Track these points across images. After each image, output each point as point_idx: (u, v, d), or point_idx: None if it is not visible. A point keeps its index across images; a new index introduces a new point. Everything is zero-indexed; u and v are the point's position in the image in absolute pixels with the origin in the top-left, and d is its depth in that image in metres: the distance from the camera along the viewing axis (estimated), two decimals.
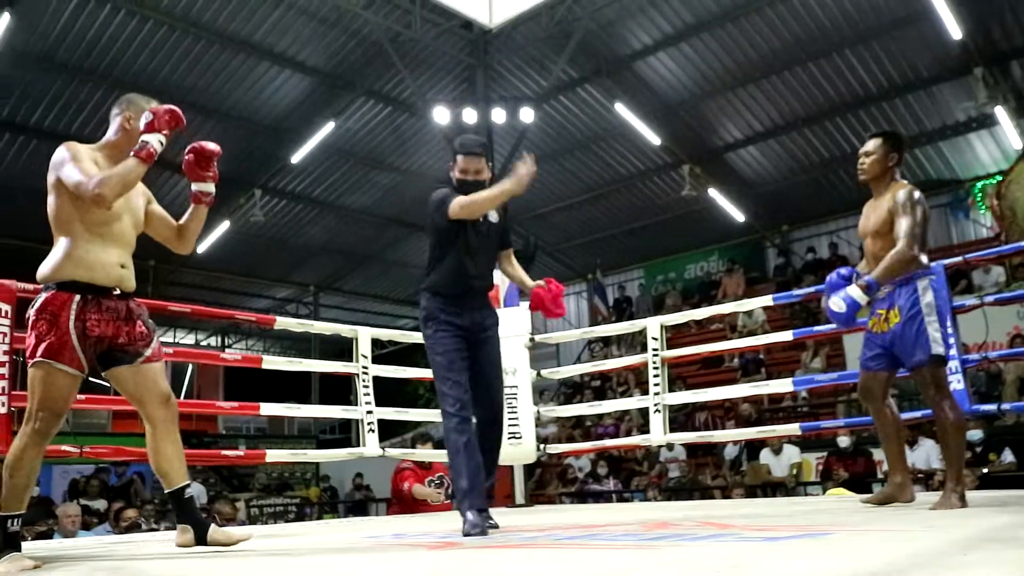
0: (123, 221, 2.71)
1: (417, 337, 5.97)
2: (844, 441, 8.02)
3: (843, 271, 3.45)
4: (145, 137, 2.60)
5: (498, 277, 6.44)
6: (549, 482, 11.10)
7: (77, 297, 2.52)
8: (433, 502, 5.78)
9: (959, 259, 4.50)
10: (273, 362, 5.05)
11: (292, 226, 14.91)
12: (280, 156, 12.97)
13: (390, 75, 12.24)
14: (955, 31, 9.96)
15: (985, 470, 6.99)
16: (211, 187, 2.79)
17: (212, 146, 2.75)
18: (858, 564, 1.60)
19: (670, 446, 9.39)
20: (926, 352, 3.16)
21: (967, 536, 2.04)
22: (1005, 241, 10.58)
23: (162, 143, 2.64)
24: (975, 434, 7.38)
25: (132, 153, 2.57)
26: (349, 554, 2.44)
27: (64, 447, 4.03)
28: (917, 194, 3.26)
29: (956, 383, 4.09)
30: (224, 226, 13.90)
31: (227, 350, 18.20)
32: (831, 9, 10.52)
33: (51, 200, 2.61)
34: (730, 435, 7.82)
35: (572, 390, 13.69)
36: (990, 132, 12.04)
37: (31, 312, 2.51)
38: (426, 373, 6.68)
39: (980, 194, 12.56)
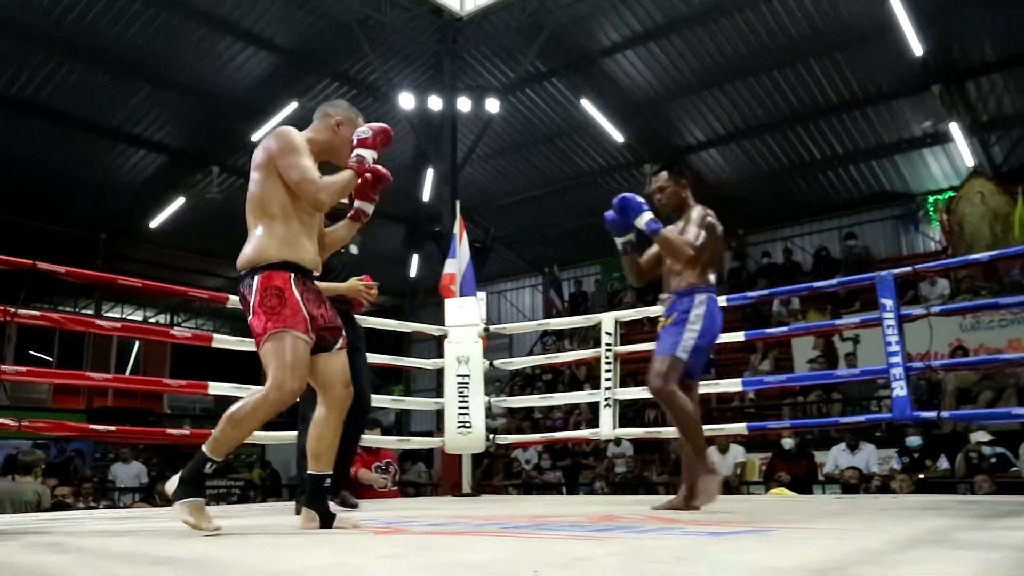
0: (319, 214, 2.76)
1: (371, 322, 5.92)
2: (788, 443, 8.16)
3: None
4: (363, 152, 2.68)
5: (452, 265, 6.44)
6: (497, 472, 11.12)
7: (293, 275, 2.56)
8: (379, 488, 5.75)
9: (908, 269, 4.61)
10: (224, 341, 4.97)
11: None
12: (240, 134, 12.74)
13: (357, 58, 12.13)
14: (916, 48, 10.21)
15: (922, 475, 7.17)
16: (371, 209, 2.86)
17: (385, 172, 2.82)
18: (801, 559, 1.63)
19: (618, 441, 9.45)
20: (667, 349, 3.31)
21: (906, 536, 2.09)
22: (952, 255, 10.88)
23: (375, 160, 2.72)
24: (914, 440, 7.58)
25: (350, 166, 2.66)
26: (295, 537, 2.41)
27: (2, 420, 3.92)
28: (710, 217, 3.47)
29: (899, 390, 4.19)
30: (179, 202, 13.64)
31: (176, 328, 17.87)
32: (799, 19, 10.68)
33: (261, 180, 2.63)
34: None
35: (524, 382, 13.72)
36: (944, 148, 12.33)
37: (254, 296, 2.56)
38: (378, 358, 6.64)
39: (931, 208, 12.86)
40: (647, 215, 3.40)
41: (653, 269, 3.66)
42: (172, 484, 2.43)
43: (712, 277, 3.46)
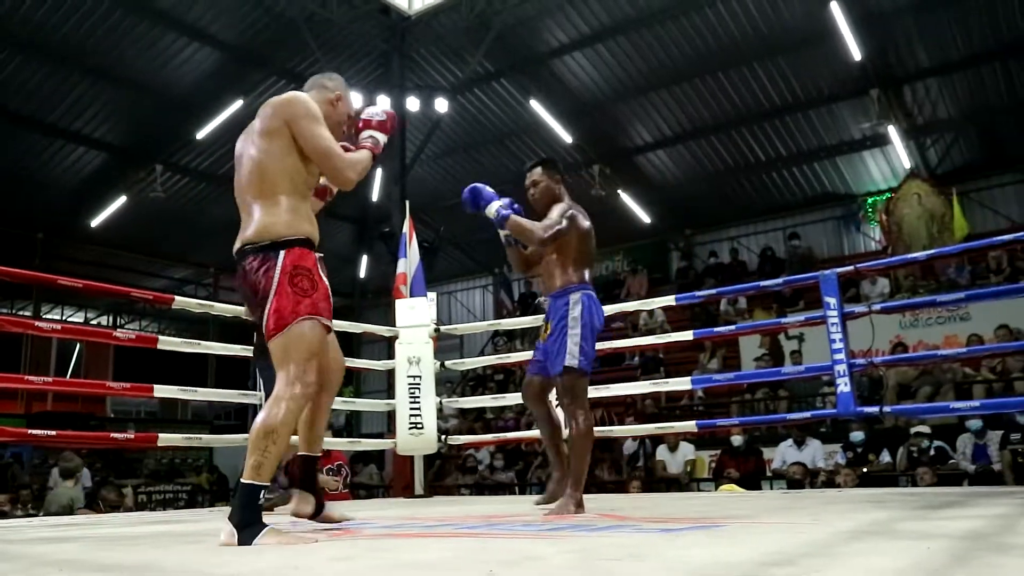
0: None
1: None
2: (737, 440, 8.30)
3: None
4: (378, 135, 2.64)
5: (403, 266, 6.41)
6: (449, 473, 11.09)
7: (318, 256, 2.43)
8: (331, 490, 5.69)
9: (850, 268, 4.72)
10: (169, 343, 4.86)
11: (194, 204, 14.39)
12: (184, 131, 12.50)
13: (304, 55, 11.99)
14: (856, 53, 10.47)
15: (865, 469, 7.36)
16: (335, 190, 2.79)
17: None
18: (752, 553, 1.66)
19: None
20: (560, 364, 3.27)
21: (850, 528, 2.14)
22: (891, 254, 11.18)
23: (383, 145, 2.66)
24: (857, 435, 7.77)
25: (367, 146, 2.61)
26: None
27: None
28: (574, 211, 3.42)
29: (843, 386, 4.28)
30: (121, 201, 13.32)
31: (119, 330, 17.45)
32: (742, 23, 10.87)
33: (270, 149, 2.41)
34: (628, 431, 7.98)
35: (475, 383, 13.71)
36: (882, 151, 12.67)
37: (280, 274, 2.32)
38: None
39: (871, 209, 13.20)
40: (496, 203, 3.34)
41: (539, 259, 3.57)
42: (228, 536, 2.12)
43: (587, 274, 3.42)
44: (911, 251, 10.53)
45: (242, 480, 2.16)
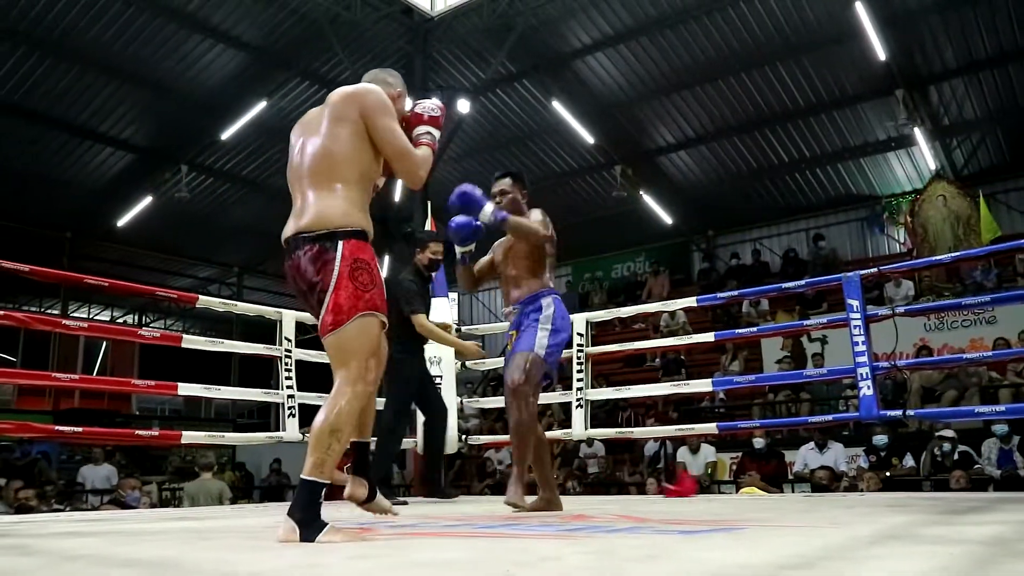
0: None
1: None
2: (759, 442, 8.24)
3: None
4: (433, 131, 2.59)
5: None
6: (469, 474, 11.12)
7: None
8: None
9: (874, 270, 4.68)
10: (193, 341, 4.91)
11: (218, 204, 14.54)
12: (209, 132, 12.63)
13: (327, 56, 12.05)
14: (880, 53, 10.37)
15: (888, 473, 7.28)
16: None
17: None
18: (770, 556, 1.65)
19: (590, 442, 9.50)
20: (524, 347, 3.29)
21: (871, 532, 2.13)
22: (916, 256, 11.07)
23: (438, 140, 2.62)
24: (880, 439, 7.69)
25: (427, 143, 2.54)
26: (265, 538, 2.40)
27: None
28: (547, 218, 3.47)
29: (866, 389, 4.25)
30: (147, 201, 13.48)
31: (144, 328, 17.65)
32: (766, 23, 10.80)
33: (345, 137, 2.31)
34: (649, 432, 7.97)
35: (496, 383, 13.72)
36: (907, 152, 12.56)
37: (340, 265, 2.21)
38: None
39: (891, 210, 13.09)
40: (490, 205, 3.32)
41: (485, 276, 3.65)
42: (288, 532, 2.08)
43: (551, 281, 3.46)
44: (936, 253, 10.44)
45: (304, 477, 2.13)
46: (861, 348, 4.28)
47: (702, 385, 5.93)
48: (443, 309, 5.77)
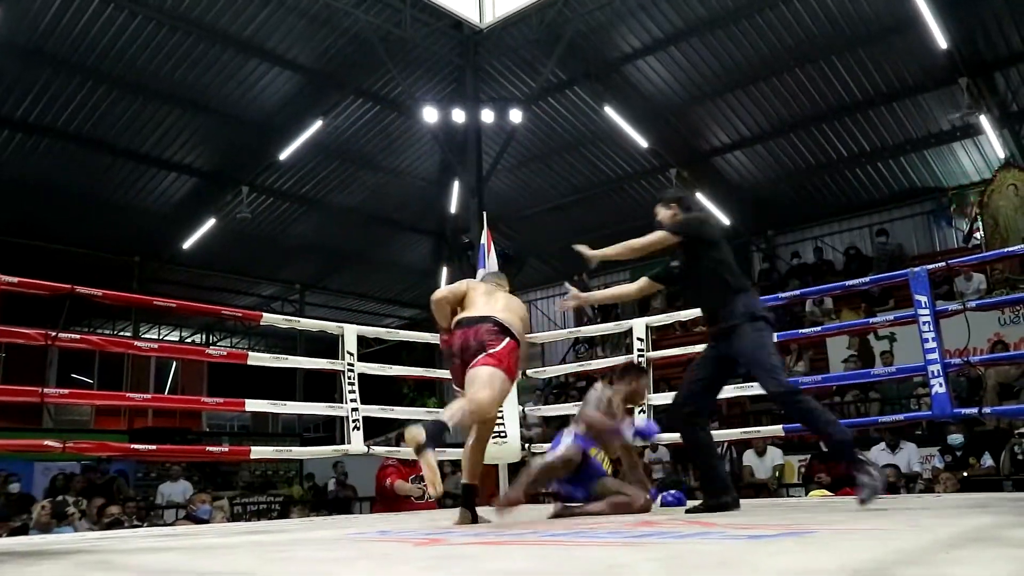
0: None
1: (403, 335, 5.93)
2: None
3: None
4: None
5: (482, 276, 6.46)
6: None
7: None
8: (416, 499, 5.78)
9: (941, 265, 4.55)
10: (259, 358, 5.02)
11: (279, 224, 14.86)
12: (268, 153, 12.93)
13: (379, 74, 12.24)
14: (941, 41, 10.08)
15: (966, 473, 7.05)
16: None
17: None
18: (844, 560, 1.62)
19: (654, 447, 9.41)
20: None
21: (951, 535, 2.06)
22: (986, 248, 10.71)
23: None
24: (956, 438, 7.46)
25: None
26: (336, 550, 2.44)
27: (47, 442, 3.99)
28: None
29: (938, 387, 4.13)
30: (210, 223, 13.84)
31: (212, 347, 18.10)
32: (819, 16, 10.61)
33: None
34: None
35: (558, 391, 13.70)
36: (974, 141, 12.16)
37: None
38: (411, 371, 6.65)
39: (955, 202, 12.72)
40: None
41: None
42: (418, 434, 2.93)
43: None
44: (1008, 244, 10.08)
45: (444, 420, 3.06)
46: (931, 345, 4.16)
47: None
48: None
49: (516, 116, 11.79)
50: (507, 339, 3.43)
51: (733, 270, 3.67)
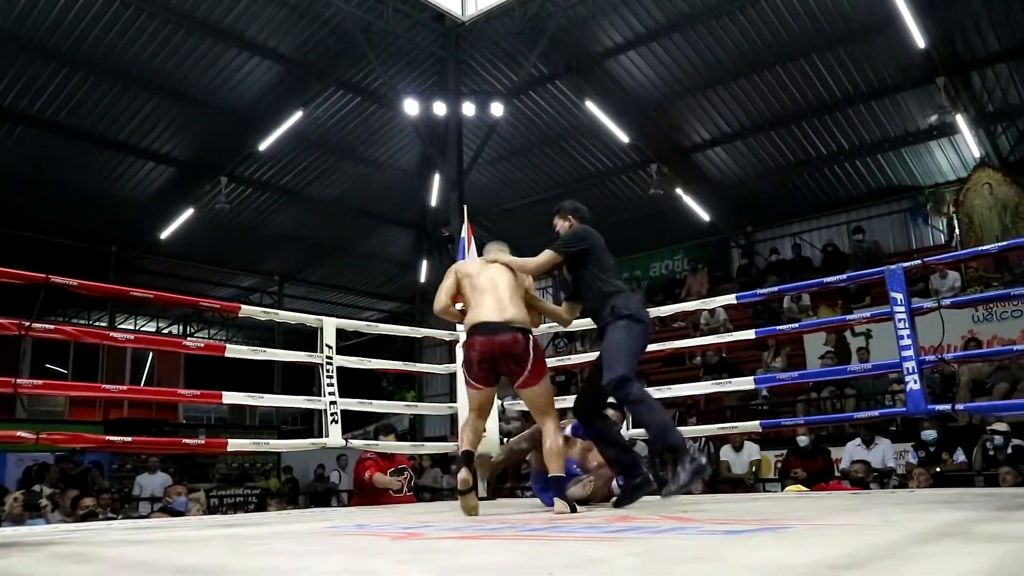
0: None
1: (383, 328, 5.91)
2: (803, 440, 8.14)
3: None
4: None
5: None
6: (510, 476, 11.11)
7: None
8: (395, 492, 5.78)
9: (917, 262, 4.59)
10: (236, 350, 4.98)
11: (258, 215, 14.74)
12: (247, 144, 12.81)
13: (360, 66, 12.16)
14: (919, 40, 10.16)
15: (938, 469, 7.14)
16: None
17: None
18: (819, 555, 1.63)
19: (633, 442, 9.44)
20: None
21: (923, 530, 2.09)
22: (962, 247, 10.83)
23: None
24: (929, 434, 7.54)
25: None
26: (312, 544, 2.43)
27: (20, 433, 3.95)
28: None
29: (913, 383, 4.16)
30: (188, 213, 13.72)
31: (189, 338, 17.95)
32: (800, 14, 10.67)
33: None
34: (692, 431, 7.88)
35: None
36: (950, 140, 12.28)
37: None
38: (390, 364, 6.63)
39: (932, 200, 12.85)
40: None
41: None
42: (564, 507, 3.43)
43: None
44: (983, 243, 10.20)
45: (554, 474, 3.59)
46: (907, 342, 4.20)
47: (744, 383, 5.86)
48: None
49: (497, 109, 11.77)
50: (531, 342, 3.68)
51: (607, 276, 3.98)
